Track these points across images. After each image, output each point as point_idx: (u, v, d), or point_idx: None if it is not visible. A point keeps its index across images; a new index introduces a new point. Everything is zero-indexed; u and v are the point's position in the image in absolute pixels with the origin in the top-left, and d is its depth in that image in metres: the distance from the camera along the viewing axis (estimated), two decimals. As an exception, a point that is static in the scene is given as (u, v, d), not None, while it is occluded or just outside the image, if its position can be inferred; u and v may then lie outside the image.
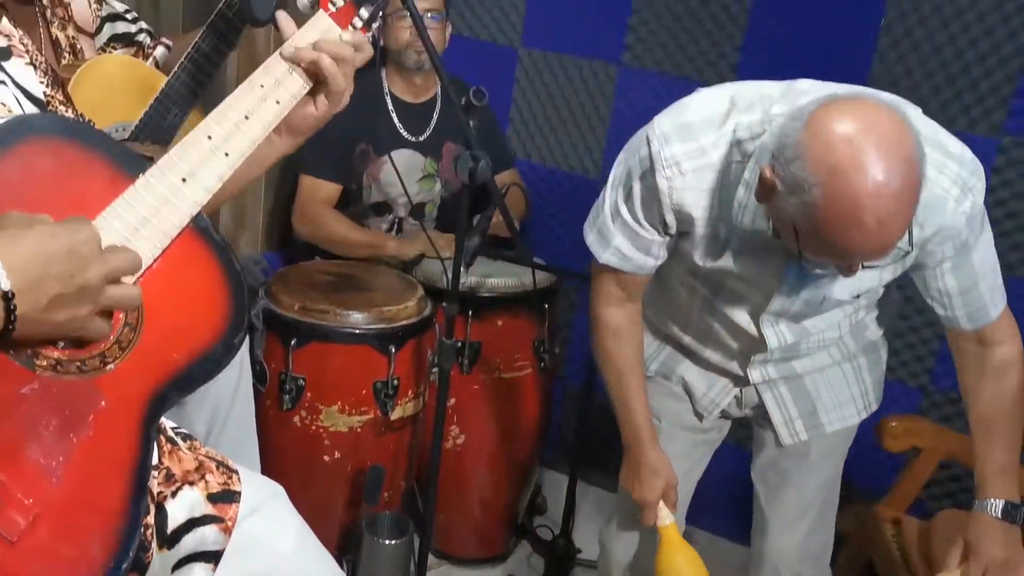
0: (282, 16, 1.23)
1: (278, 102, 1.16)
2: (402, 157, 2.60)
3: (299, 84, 1.18)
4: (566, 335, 2.95)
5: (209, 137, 1.10)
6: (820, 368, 1.75)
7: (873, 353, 1.80)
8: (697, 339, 1.76)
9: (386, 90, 2.61)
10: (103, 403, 0.99)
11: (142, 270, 1.02)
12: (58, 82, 1.21)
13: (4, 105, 1.11)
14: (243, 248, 2.76)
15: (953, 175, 1.41)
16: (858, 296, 1.59)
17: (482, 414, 2.40)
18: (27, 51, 1.19)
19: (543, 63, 2.86)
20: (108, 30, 1.86)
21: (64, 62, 1.73)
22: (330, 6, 1.22)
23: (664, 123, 1.51)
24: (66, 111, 1.22)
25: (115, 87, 1.72)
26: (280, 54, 1.17)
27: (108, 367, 1.00)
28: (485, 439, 2.43)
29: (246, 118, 1.13)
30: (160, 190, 1.05)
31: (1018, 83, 2.21)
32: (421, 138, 2.65)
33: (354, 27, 1.24)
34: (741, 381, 1.76)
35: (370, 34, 1.30)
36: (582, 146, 2.86)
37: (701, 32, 2.58)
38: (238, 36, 1.80)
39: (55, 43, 1.72)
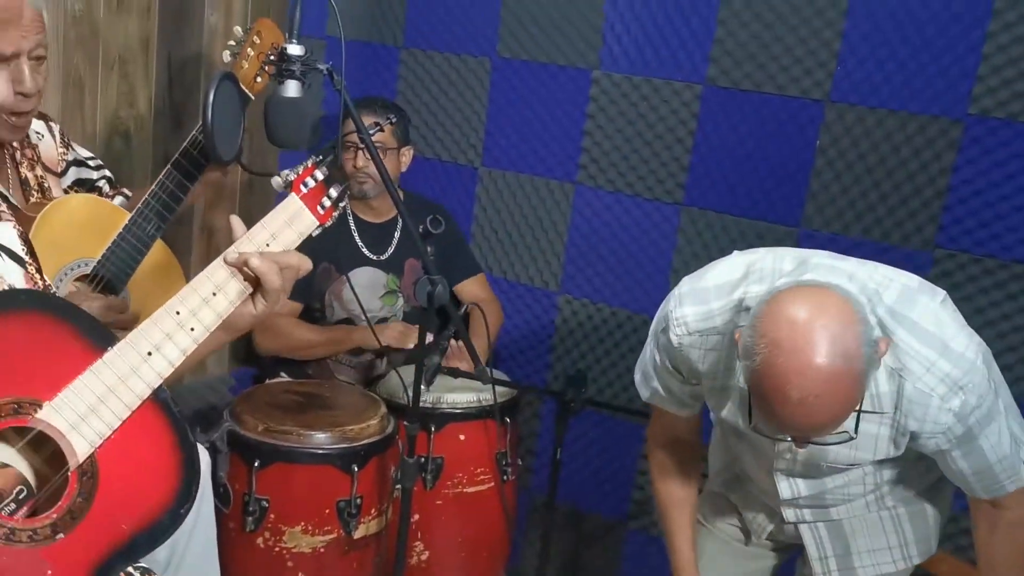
0: (235, 220, 1.32)
1: (217, 309, 1.24)
2: (365, 275, 2.69)
3: (239, 291, 1.26)
4: (531, 445, 2.99)
5: (177, 312, 1.19)
6: (856, 515, 1.80)
7: (916, 505, 1.81)
8: (741, 472, 1.89)
9: (348, 211, 2.70)
10: (49, 573, 1.03)
11: (103, 439, 1.08)
12: (32, 253, 1.29)
13: None
14: (211, 367, 2.80)
15: (941, 374, 1.48)
16: (854, 465, 1.64)
17: (446, 529, 2.41)
18: (8, 217, 1.28)
19: (502, 181, 2.97)
20: (73, 173, 1.95)
21: (32, 200, 1.81)
22: (302, 187, 1.33)
23: (685, 286, 1.68)
24: (39, 278, 1.29)
25: (79, 225, 1.80)
26: (223, 258, 1.26)
27: (58, 536, 1.05)
28: (450, 554, 2.44)
29: (214, 294, 1.23)
30: (126, 364, 1.14)
31: (947, 199, 2.34)
32: (383, 256, 2.73)
33: (323, 206, 1.35)
34: (779, 516, 1.85)
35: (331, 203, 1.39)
36: (542, 260, 2.95)
37: (650, 152, 2.71)
38: (201, 173, 1.90)
39: (24, 182, 1.81)
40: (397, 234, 2.75)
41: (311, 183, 1.35)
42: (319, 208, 1.35)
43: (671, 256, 2.73)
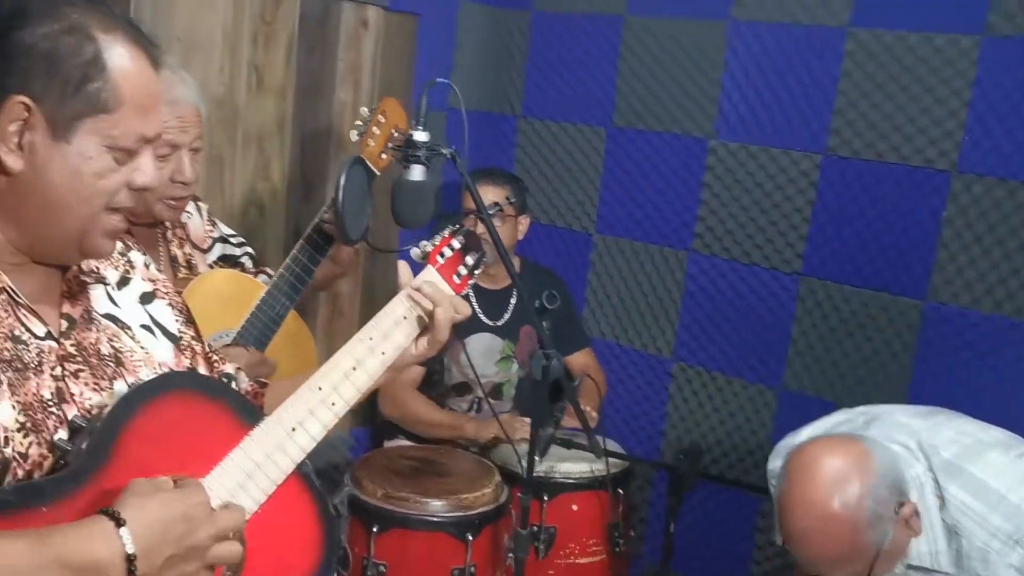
0: (401, 265, 1.39)
1: (384, 353, 1.31)
2: (481, 341, 2.74)
3: (405, 335, 1.33)
4: (643, 514, 2.96)
5: (320, 388, 1.25)
6: None
7: None
8: None
9: (467, 279, 2.77)
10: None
11: (247, 517, 1.14)
12: (191, 320, 1.38)
13: (145, 349, 1.27)
14: (331, 426, 2.90)
15: (993, 528, 1.49)
16: None
17: (558, 599, 2.41)
18: (167, 293, 1.37)
19: (616, 248, 3.00)
20: (218, 250, 2.08)
21: (180, 276, 1.93)
22: (438, 259, 1.39)
23: (782, 441, 1.83)
24: (195, 343, 1.38)
25: (221, 298, 1.92)
26: (388, 310, 1.32)
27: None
28: (562, 624, 2.43)
29: (354, 369, 1.28)
30: (272, 440, 1.20)
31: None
32: (499, 322, 2.79)
33: (459, 275, 1.41)
34: None
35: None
36: (655, 327, 2.95)
37: (767, 221, 2.69)
38: (330, 248, 2.00)
39: (173, 259, 1.94)
40: (513, 301, 2.80)
41: (448, 252, 1.40)
42: (455, 278, 1.41)
43: (790, 326, 2.69)
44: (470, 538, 2.16)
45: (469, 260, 1.42)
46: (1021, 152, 2.31)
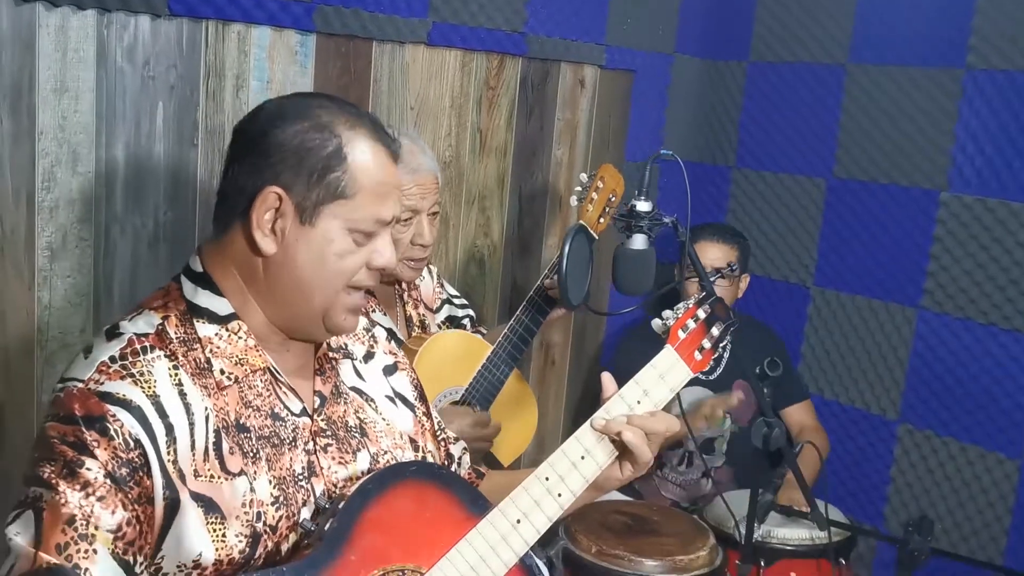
0: (606, 378, 1.33)
1: (583, 475, 1.25)
2: (694, 393, 2.72)
3: (607, 455, 1.28)
4: (864, 583, 2.82)
5: (547, 479, 1.25)
6: None
7: None
8: None
9: (681, 333, 2.77)
10: None
11: None
12: (422, 396, 1.45)
13: (386, 421, 1.35)
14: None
15: None
16: None
17: (773, 670, 2.33)
18: (406, 366, 1.45)
19: (836, 302, 2.90)
20: (446, 311, 2.19)
21: (413, 334, 2.05)
22: (680, 333, 1.31)
23: None
24: (425, 419, 1.45)
25: (452, 357, 2.02)
26: (591, 423, 1.28)
27: None
28: None
29: (582, 458, 1.26)
30: (497, 532, 1.21)
31: None
32: (712, 377, 2.76)
33: (701, 350, 1.32)
34: None
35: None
36: (879, 386, 2.82)
37: (1007, 279, 2.52)
38: (551, 310, 2.06)
39: (408, 319, 2.06)
40: (726, 355, 2.77)
41: (691, 325, 1.32)
42: (696, 354, 1.32)
43: (1032, 393, 2.50)
44: (685, 601, 2.14)
45: (715, 331, 1.33)
46: None
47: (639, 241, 1.82)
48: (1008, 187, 2.49)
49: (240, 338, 1.20)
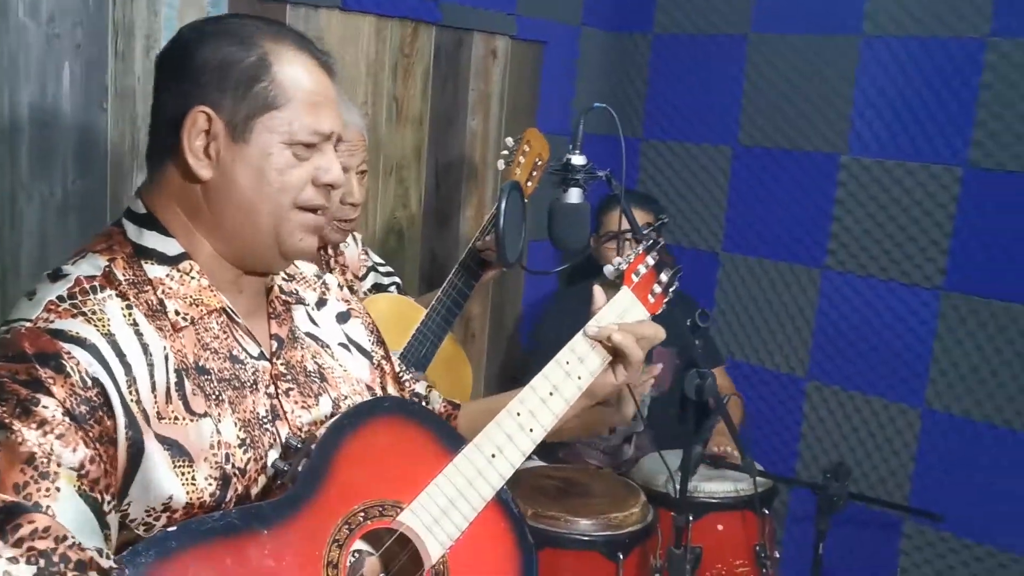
0: (597, 290, 1.36)
1: (580, 378, 1.29)
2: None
3: (600, 360, 1.31)
4: (778, 536, 2.92)
5: (518, 414, 1.25)
6: None
7: None
8: None
9: (600, 301, 2.80)
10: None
11: (453, 541, 1.18)
12: (381, 340, 1.42)
13: (343, 367, 1.32)
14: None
15: None
16: None
17: (705, 620, 2.39)
18: (360, 312, 1.42)
19: (744, 266, 2.99)
20: (372, 278, 2.15)
21: (343, 301, 2.00)
22: (633, 277, 1.35)
23: None
24: (385, 363, 1.43)
25: (386, 322, 1.97)
26: (584, 332, 1.31)
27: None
28: (709, 646, 2.41)
29: (551, 394, 1.27)
30: (473, 466, 1.21)
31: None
32: (632, 343, 2.80)
33: (653, 294, 1.37)
34: None
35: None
36: (788, 346, 2.92)
37: (905, 237, 2.65)
38: (484, 273, 2.05)
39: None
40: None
41: (642, 271, 1.36)
42: (649, 297, 1.37)
43: (931, 343, 2.64)
44: (621, 557, 2.16)
45: (664, 277, 1.38)
46: None
47: (574, 195, 1.83)
48: (904, 148, 2.63)
49: (193, 278, 1.15)
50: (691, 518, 2.35)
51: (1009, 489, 2.54)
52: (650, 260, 1.39)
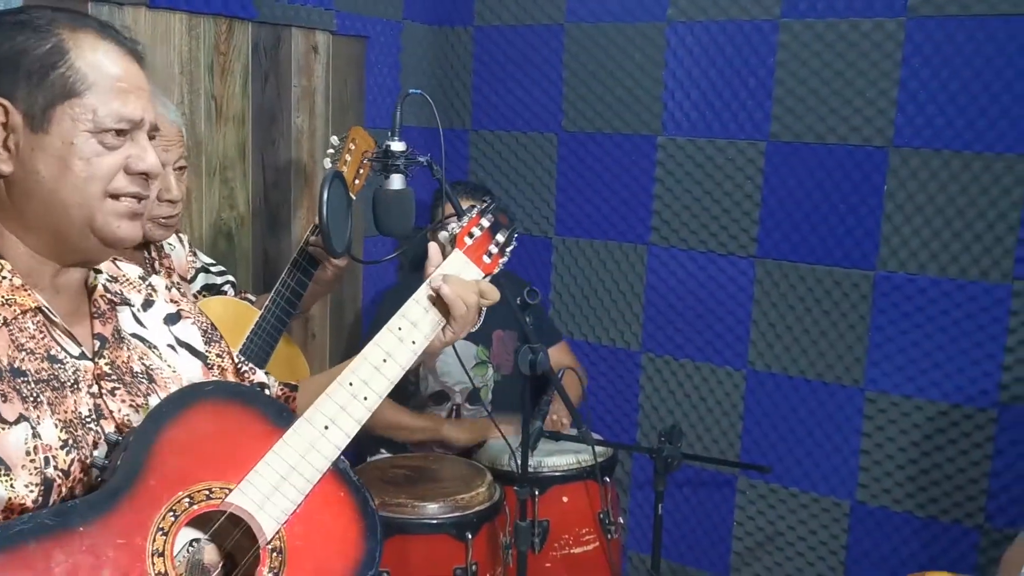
0: (432, 248, 1.37)
1: (414, 342, 1.29)
2: (458, 346, 2.80)
3: (434, 322, 1.32)
4: (623, 503, 3.04)
5: (350, 384, 1.25)
6: None
7: None
8: None
9: (437, 289, 2.84)
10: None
11: (288, 515, 1.17)
12: (216, 338, 1.41)
13: (172, 368, 1.30)
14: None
15: None
16: None
17: (557, 591, 2.47)
18: (191, 313, 1.39)
19: (576, 249, 3.09)
20: (202, 279, 2.11)
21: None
22: (466, 240, 1.35)
23: None
24: (222, 360, 1.41)
25: (219, 324, 1.94)
26: (415, 297, 1.31)
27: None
28: (563, 615, 2.48)
29: (384, 361, 1.28)
30: (305, 440, 1.21)
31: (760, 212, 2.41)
32: (473, 328, 2.84)
33: (489, 254, 1.37)
34: None
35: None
36: (621, 321, 3.05)
37: (720, 210, 2.81)
38: (315, 270, 2.05)
39: (161, 289, 1.95)
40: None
41: (476, 232, 1.36)
42: (485, 258, 1.36)
43: (750, 308, 2.81)
44: (470, 537, 2.21)
45: (500, 237, 1.38)
46: (951, 124, 2.47)
47: (396, 181, 1.86)
48: (713, 126, 2.79)
49: (4, 278, 1.11)
50: (536, 493, 2.43)
51: (825, 437, 2.74)
52: (484, 222, 1.38)
